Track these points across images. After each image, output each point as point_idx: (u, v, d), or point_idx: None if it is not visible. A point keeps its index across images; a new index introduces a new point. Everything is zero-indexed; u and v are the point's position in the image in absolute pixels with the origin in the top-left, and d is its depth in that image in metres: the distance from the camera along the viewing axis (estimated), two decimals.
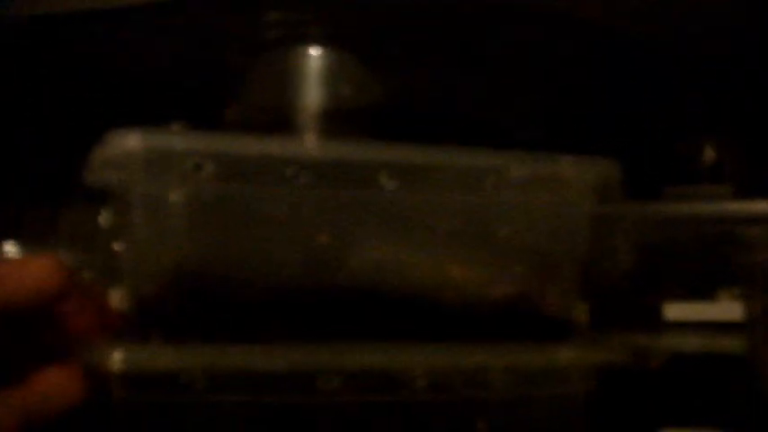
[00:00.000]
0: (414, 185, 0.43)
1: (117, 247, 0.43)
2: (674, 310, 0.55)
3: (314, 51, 0.52)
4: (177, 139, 0.42)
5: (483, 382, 0.42)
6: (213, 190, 0.41)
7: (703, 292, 0.54)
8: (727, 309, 0.54)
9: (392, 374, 0.42)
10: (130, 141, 0.41)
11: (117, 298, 0.43)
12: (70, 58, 0.54)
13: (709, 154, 0.63)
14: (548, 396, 0.44)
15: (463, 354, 0.43)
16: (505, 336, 0.44)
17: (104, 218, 0.43)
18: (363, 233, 0.44)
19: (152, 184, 0.41)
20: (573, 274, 0.45)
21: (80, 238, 0.50)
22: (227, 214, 0.42)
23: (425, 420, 0.43)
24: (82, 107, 0.55)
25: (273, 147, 0.42)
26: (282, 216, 0.42)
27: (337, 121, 0.51)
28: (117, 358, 0.39)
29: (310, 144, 0.46)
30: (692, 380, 0.54)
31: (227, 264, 0.42)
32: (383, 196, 0.42)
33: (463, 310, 0.45)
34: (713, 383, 0.54)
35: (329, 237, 0.43)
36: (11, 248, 0.50)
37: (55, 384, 0.38)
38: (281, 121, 0.51)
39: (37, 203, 0.54)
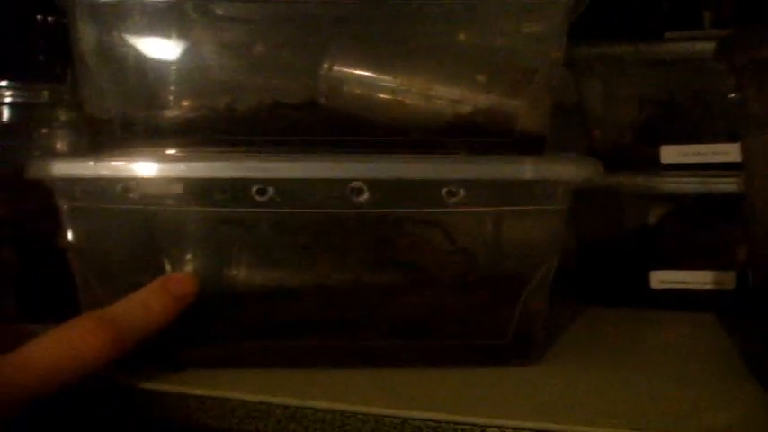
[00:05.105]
0: None
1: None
2: (671, 153, 0.55)
3: None
4: None
5: (433, 196, 0.39)
6: None
7: (700, 135, 0.54)
8: (723, 150, 0.54)
9: (328, 185, 0.39)
10: None
11: None
12: None
13: None
14: (511, 212, 0.40)
15: (410, 167, 0.39)
16: (469, 150, 0.42)
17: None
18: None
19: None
20: (546, 86, 0.41)
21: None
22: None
23: (373, 236, 0.41)
24: None
25: None
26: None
27: None
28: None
29: None
30: (683, 222, 0.55)
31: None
32: None
33: (420, 123, 0.42)
34: (705, 226, 0.55)
35: (264, 46, 0.41)
36: (4, 84, 0.50)
37: None
38: None
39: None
